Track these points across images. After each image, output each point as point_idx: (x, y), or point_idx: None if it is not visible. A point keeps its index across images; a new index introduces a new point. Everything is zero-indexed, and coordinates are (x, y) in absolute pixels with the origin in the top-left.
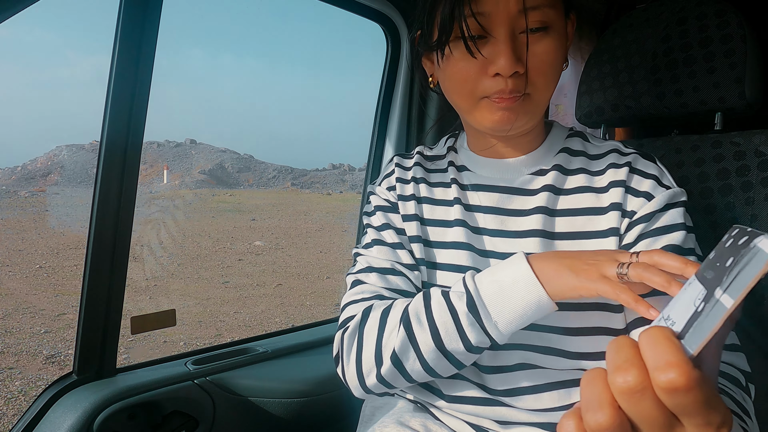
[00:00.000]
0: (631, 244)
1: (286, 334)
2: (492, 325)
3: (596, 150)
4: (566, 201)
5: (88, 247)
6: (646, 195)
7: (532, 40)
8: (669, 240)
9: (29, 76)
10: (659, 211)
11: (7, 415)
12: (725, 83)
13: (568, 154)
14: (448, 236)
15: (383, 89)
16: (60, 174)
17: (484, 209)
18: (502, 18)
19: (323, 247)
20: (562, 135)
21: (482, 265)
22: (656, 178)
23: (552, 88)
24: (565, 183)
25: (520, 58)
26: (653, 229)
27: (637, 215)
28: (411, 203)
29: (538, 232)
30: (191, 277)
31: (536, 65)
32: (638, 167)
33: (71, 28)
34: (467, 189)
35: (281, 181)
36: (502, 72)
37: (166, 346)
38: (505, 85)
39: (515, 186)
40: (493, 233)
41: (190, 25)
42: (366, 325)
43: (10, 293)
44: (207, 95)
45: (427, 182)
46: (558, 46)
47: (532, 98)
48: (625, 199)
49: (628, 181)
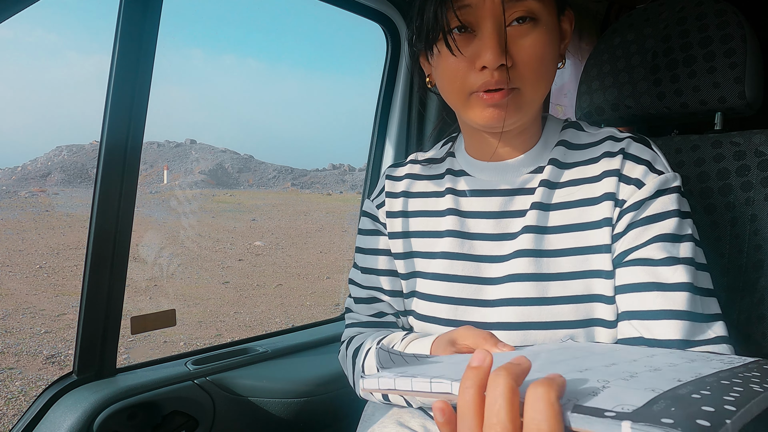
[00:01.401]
0: (621, 234)
1: (286, 334)
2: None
3: (590, 138)
4: (561, 194)
5: (88, 247)
6: (637, 182)
7: (519, 32)
8: (660, 229)
9: (29, 77)
10: (649, 198)
11: (8, 415)
12: (725, 83)
13: (564, 147)
14: (437, 246)
15: (383, 89)
16: (60, 174)
17: (483, 214)
18: (486, 10)
19: (323, 248)
20: (557, 128)
21: (474, 272)
22: (649, 163)
23: (544, 84)
24: (560, 176)
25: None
26: (643, 218)
27: (627, 203)
28: (398, 220)
29: (531, 228)
30: (191, 277)
31: (523, 58)
32: (631, 152)
33: (71, 29)
34: (465, 195)
35: (281, 181)
36: (487, 64)
37: (167, 347)
38: (491, 77)
39: (517, 187)
40: (489, 237)
41: (190, 26)
42: (342, 354)
43: (11, 293)
44: (207, 96)
45: (418, 193)
46: (547, 41)
47: (521, 93)
48: (618, 188)
49: (621, 168)
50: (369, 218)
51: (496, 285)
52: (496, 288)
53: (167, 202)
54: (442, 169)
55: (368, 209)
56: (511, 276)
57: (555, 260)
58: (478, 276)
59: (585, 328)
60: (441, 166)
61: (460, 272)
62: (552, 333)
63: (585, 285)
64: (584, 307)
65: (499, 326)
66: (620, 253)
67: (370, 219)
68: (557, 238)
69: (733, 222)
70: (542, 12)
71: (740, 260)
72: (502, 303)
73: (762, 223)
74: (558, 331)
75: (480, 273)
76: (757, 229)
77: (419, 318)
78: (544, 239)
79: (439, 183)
